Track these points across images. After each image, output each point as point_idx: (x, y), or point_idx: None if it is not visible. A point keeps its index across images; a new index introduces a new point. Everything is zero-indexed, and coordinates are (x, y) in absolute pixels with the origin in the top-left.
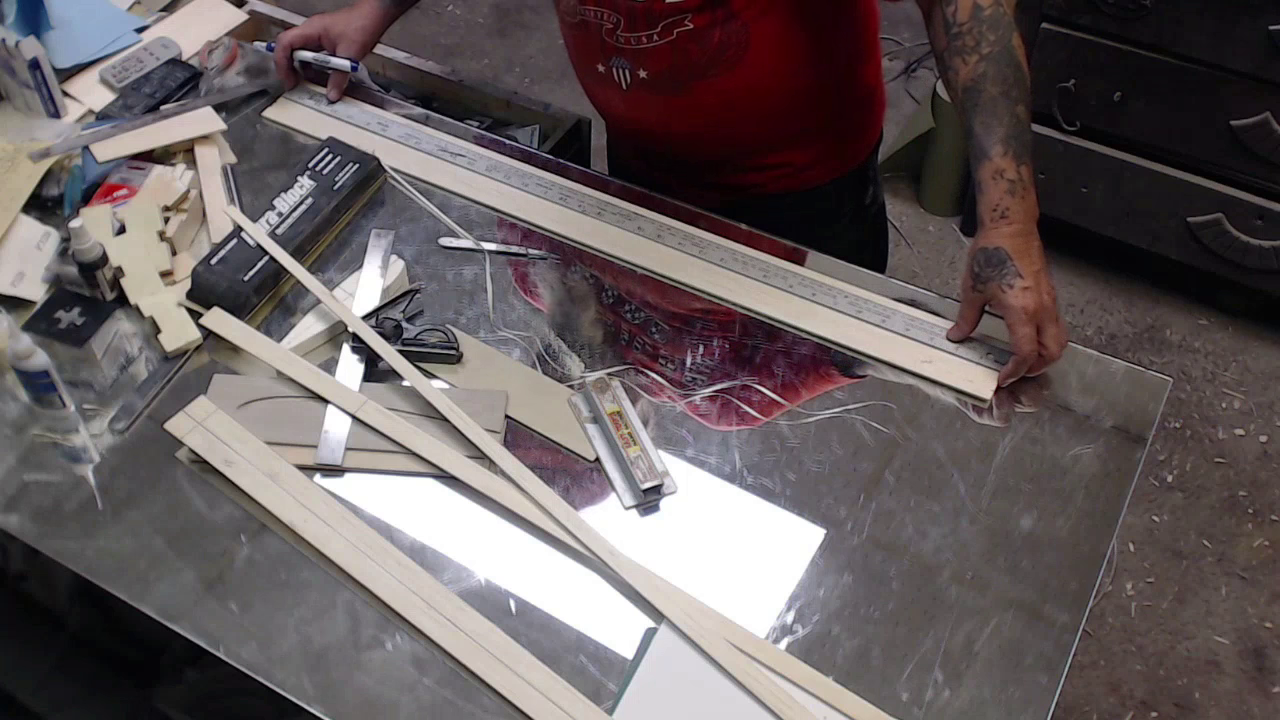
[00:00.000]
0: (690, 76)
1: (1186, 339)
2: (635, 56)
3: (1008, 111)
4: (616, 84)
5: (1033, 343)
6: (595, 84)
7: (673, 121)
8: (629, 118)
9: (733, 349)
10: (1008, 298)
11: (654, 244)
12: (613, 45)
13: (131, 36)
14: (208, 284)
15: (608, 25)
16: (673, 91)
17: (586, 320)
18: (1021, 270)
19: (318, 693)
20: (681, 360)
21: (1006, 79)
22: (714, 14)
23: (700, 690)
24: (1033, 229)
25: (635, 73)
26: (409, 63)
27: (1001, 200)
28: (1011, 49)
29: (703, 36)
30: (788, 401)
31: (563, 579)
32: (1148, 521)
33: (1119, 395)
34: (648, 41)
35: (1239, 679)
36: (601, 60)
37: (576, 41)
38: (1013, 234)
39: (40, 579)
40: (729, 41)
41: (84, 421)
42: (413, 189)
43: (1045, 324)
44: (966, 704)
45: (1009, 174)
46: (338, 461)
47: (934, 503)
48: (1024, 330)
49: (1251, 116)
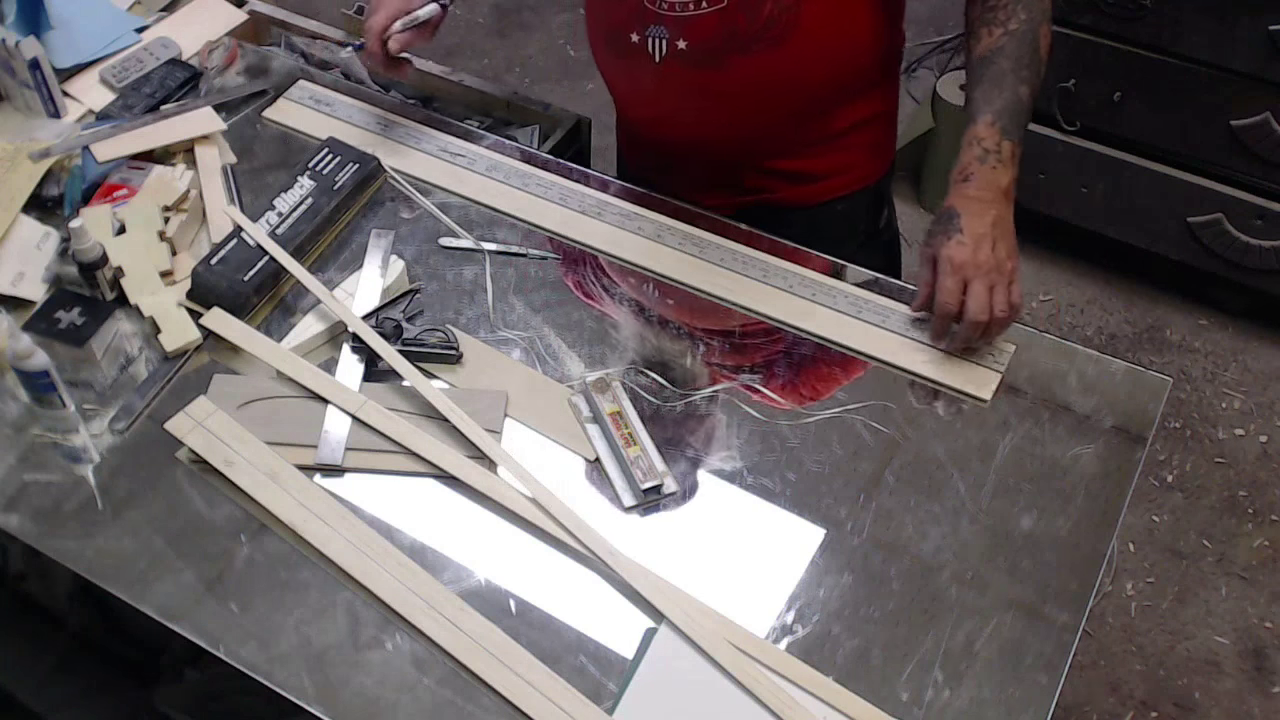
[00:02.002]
0: (732, 49)
1: (1186, 339)
2: (676, 24)
3: (1011, 88)
4: (649, 55)
5: (950, 295)
6: (621, 57)
7: (701, 101)
8: (653, 98)
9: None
10: (941, 249)
11: (653, 244)
12: (653, 12)
13: (131, 36)
14: (208, 284)
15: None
16: (711, 65)
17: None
18: (964, 227)
19: (318, 693)
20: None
21: (1021, 58)
22: None
23: (700, 690)
24: (995, 199)
25: (673, 42)
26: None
27: (969, 165)
28: (1036, 33)
29: (753, 7)
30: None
31: (563, 579)
32: (1148, 521)
33: (1119, 395)
34: (694, 8)
35: (1239, 679)
36: (637, 28)
37: (609, 10)
38: (968, 197)
39: (40, 579)
40: (778, 17)
41: (84, 421)
42: (413, 189)
43: (973, 280)
44: (966, 704)
45: (986, 143)
46: (338, 461)
47: (934, 503)
48: (945, 281)
49: (1251, 116)
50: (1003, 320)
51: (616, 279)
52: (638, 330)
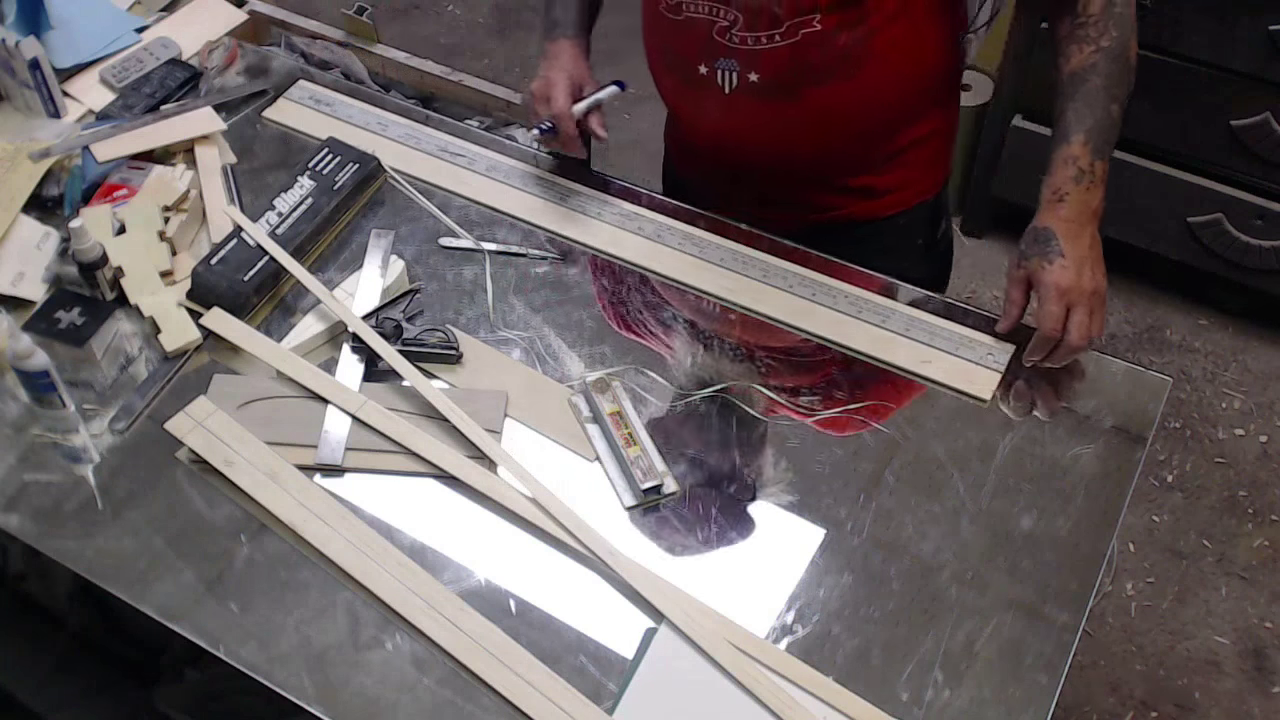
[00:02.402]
0: (805, 82)
1: (1186, 339)
2: (748, 58)
3: (1103, 106)
4: (718, 87)
5: (1056, 321)
6: (687, 86)
7: (772, 131)
8: (721, 127)
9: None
10: (1044, 273)
11: (653, 244)
12: (723, 45)
13: (131, 36)
14: (208, 284)
15: (721, 23)
16: (782, 97)
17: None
18: (1065, 250)
19: (318, 693)
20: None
21: (1113, 75)
22: (844, 15)
23: (700, 690)
24: (1089, 220)
25: (744, 75)
26: (409, 63)
27: (1064, 185)
28: (1127, 49)
29: (828, 40)
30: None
31: (563, 579)
32: (1148, 521)
33: (1119, 395)
34: (767, 41)
35: (1239, 679)
36: (705, 61)
37: (674, 41)
38: (1065, 218)
39: (40, 579)
40: (852, 49)
41: (84, 421)
42: (413, 189)
43: (1076, 307)
44: (966, 704)
45: (1081, 162)
46: (338, 461)
47: (934, 503)
48: (1050, 308)
49: (1251, 116)
50: (1092, 345)
51: (665, 299)
52: (689, 353)
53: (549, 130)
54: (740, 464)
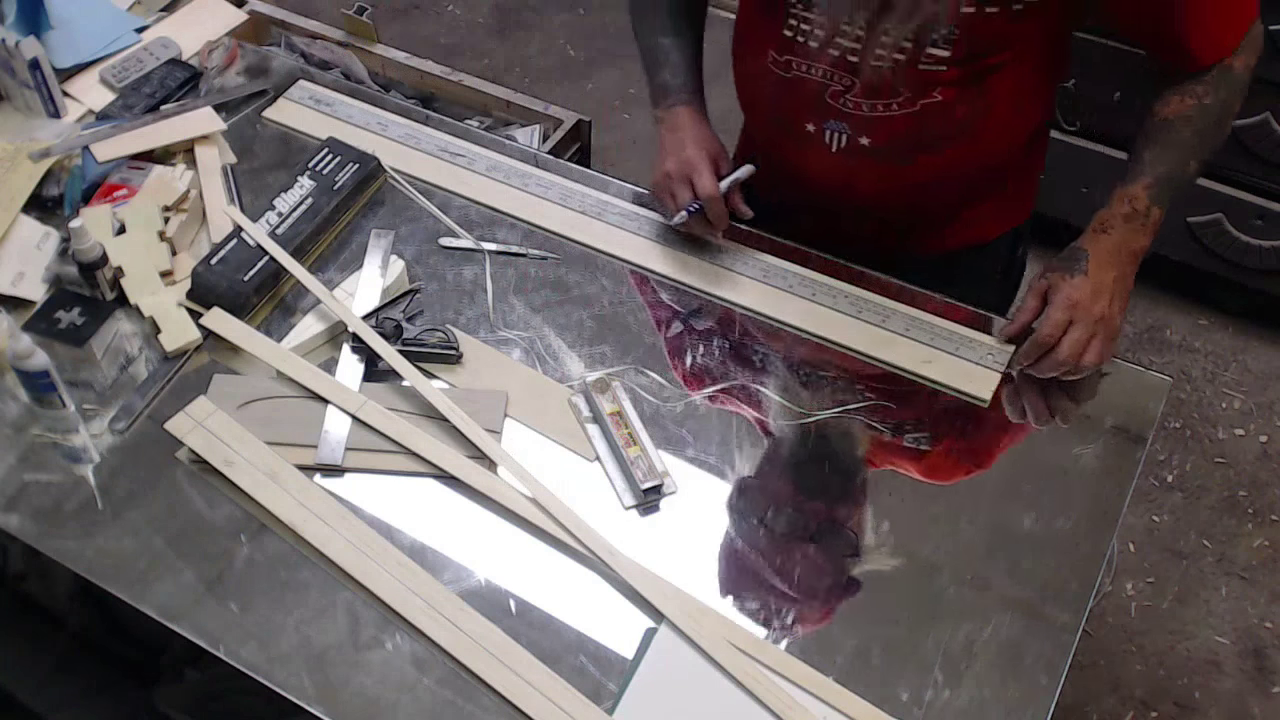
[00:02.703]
0: (920, 149)
1: (1186, 339)
2: (861, 123)
3: (1182, 160)
4: (824, 146)
5: (1055, 329)
6: (788, 139)
7: (876, 188)
8: (820, 179)
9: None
10: (1061, 283)
11: (653, 244)
12: (835, 108)
13: (131, 36)
14: (208, 284)
15: (835, 87)
16: (894, 160)
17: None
18: (1090, 271)
19: (318, 693)
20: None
21: (1205, 132)
22: (966, 89)
23: (700, 690)
24: (1126, 260)
25: (855, 138)
26: (409, 63)
27: (1113, 220)
28: (1228, 112)
29: (948, 110)
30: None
31: (563, 579)
32: (1148, 521)
33: (1119, 395)
34: (884, 110)
35: (1239, 679)
36: (813, 120)
37: (780, 95)
38: (1101, 247)
39: (40, 579)
40: (970, 119)
41: (84, 421)
42: (413, 189)
43: (1079, 323)
44: (966, 704)
45: (1138, 204)
46: (338, 461)
47: (934, 503)
48: (1054, 314)
49: (1251, 116)
50: (1084, 369)
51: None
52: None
53: (697, 211)
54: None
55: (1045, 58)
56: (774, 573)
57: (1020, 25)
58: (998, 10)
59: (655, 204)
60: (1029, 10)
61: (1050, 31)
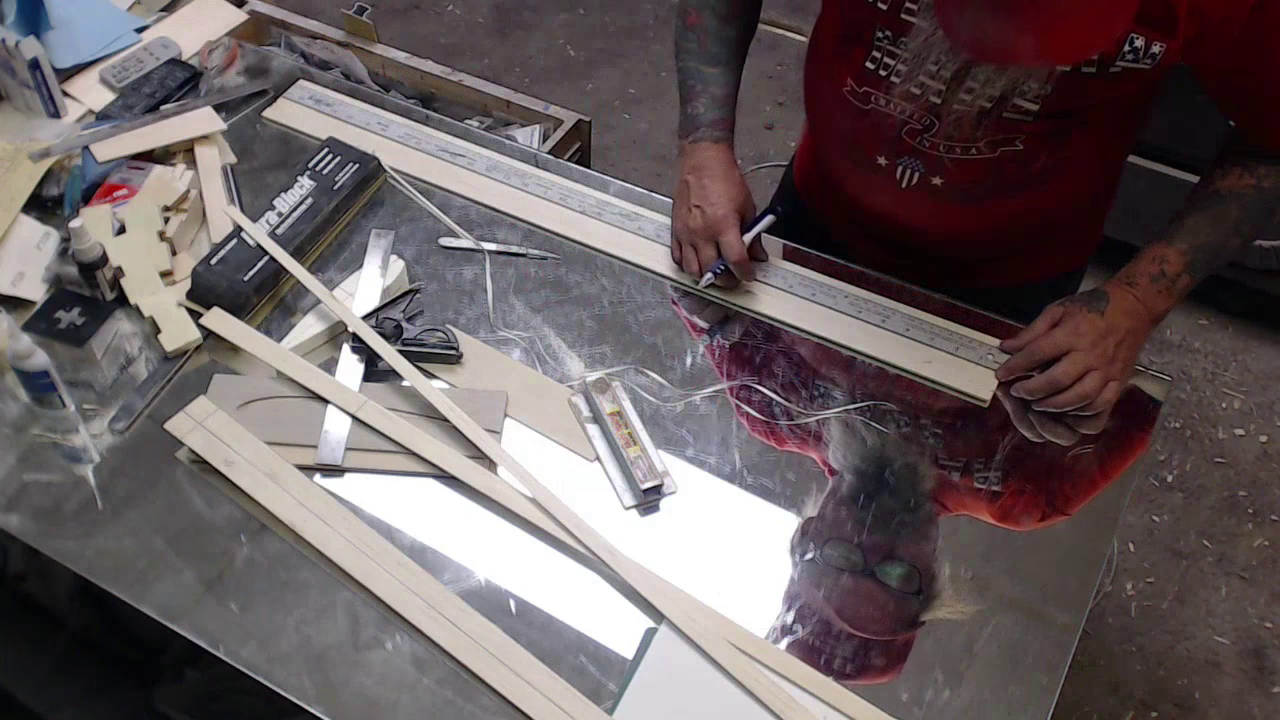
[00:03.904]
0: (994, 194)
1: (1186, 339)
2: (935, 164)
3: (1225, 235)
4: (894, 180)
5: (1052, 348)
6: (858, 169)
7: (945, 228)
8: (887, 211)
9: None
10: (1076, 313)
11: (652, 244)
12: (910, 145)
13: (131, 36)
14: (208, 284)
15: (913, 125)
16: (965, 202)
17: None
18: (1106, 312)
19: (318, 693)
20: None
21: (1255, 214)
22: (1048, 140)
23: (700, 690)
24: (1144, 318)
25: (927, 177)
26: (409, 63)
27: (1140, 276)
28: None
29: (1027, 159)
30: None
31: (563, 579)
32: (1148, 521)
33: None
34: (961, 153)
35: (1239, 679)
36: (887, 154)
37: (855, 126)
38: (1124, 297)
39: (40, 579)
40: (1050, 167)
41: (84, 421)
42: (413, 189)
43: (1081, 352)
44: (966, 704)
45: (1169, 268)
46: (338, 461)
47: (934, 503)
48: (1058, 336)
49: None
50: (1068, 402)
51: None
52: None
53: (724, 271)
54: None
55: (1130, 113)
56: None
57: (1114, 88)
58: (1094, 72)
59: (673, 254)
60: (1126, 74)
61: (1141, 91)
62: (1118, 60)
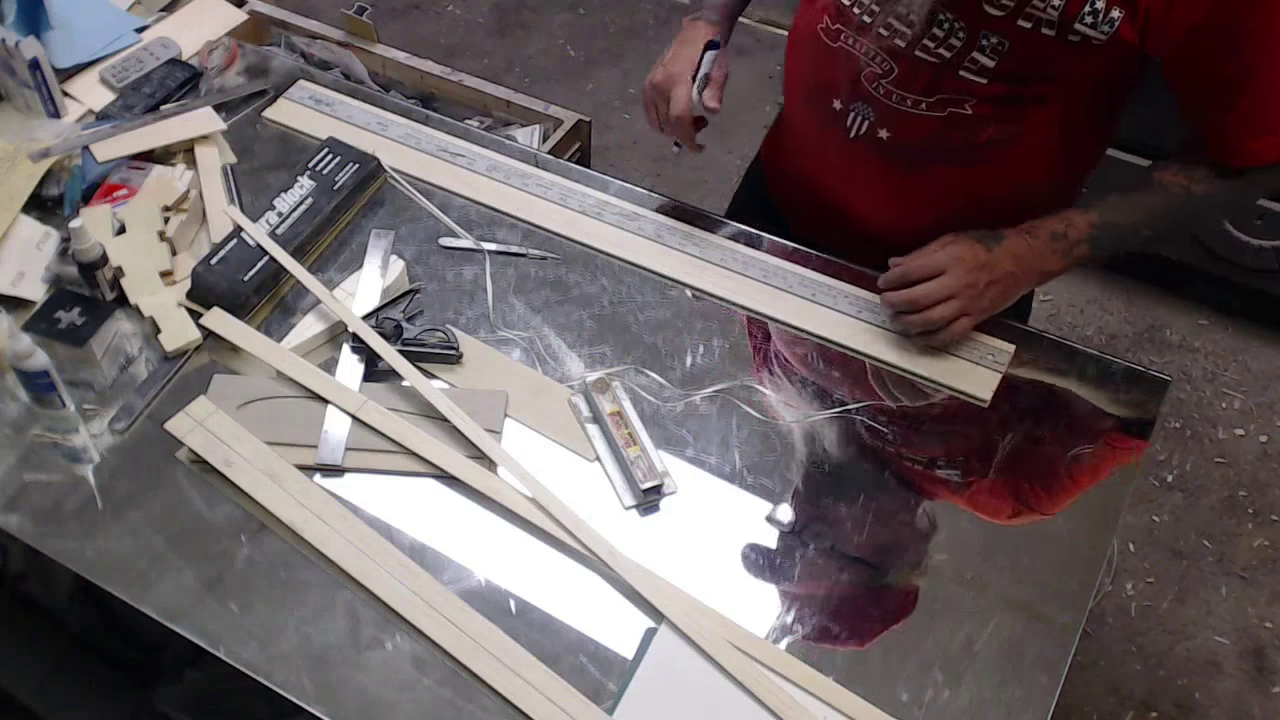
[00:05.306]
0: (938, 158)
1: (1186, 339)
2: (885, 113)
3: (1138, 221)
4: (844, 129)
5: (925, 270)
6: (815, 115)
7: (887, 193)
8: (834, 170)
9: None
10: (964, 239)
11: (652, 244)
12: (865, 90)
13: (131, 36)
14: (208, 284)
15: (873, 69)
16: (905, 163)
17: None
18: (993, 249)
19: (318, 693)
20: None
21: (1176, 212)
22: (1000, 109)
23: (700, 690)
24: (1030, 272)
25: (875, 127)
26: (409, 63)
27: (1040, 231)
28: (1204, 211)
29: (974, 126)
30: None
31: (563, 579)
32: (1148, 521)
33: (1119, 395)
34: (911, 106)
35: (1239, 679)
36: (843, 97)
37: (820, 66)
38: (1018, 244)
39: (40, 579)
40: (998, 142)
41: (84, 421)
42: (413, 189)
43: (952, 277)
44: (966, 704)
45: (1072, 232)
46: (338, 461)
47: (934, 503)
48: (937, 257)
49: None
50: (914, 324)
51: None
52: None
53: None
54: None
55: (1092, 111)
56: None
57: (1071, 60)
58: (1054, 34)
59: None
60: (1085, 45)
61: (1100, 82)
62: (1077, 22)
